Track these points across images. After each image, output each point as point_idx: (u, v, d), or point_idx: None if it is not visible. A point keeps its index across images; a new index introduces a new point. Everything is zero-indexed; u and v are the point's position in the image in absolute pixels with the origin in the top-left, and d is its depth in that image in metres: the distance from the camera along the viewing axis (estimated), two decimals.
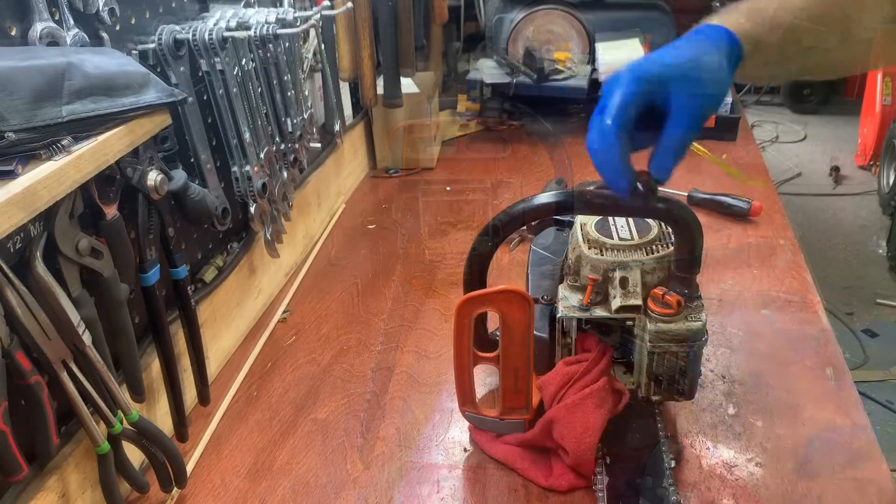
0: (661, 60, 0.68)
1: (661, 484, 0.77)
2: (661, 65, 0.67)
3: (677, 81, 0.66)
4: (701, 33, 0.71)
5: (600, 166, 0.68)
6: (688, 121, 0.67)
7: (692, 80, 0.66)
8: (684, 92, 0.66)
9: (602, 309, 0.84)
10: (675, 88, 0.66)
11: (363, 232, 1.42)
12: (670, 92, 0.66)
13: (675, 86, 0.66)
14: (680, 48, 0.69)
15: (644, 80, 0.66)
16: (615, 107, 0.65)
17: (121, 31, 0.81)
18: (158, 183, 0.77)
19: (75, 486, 0.75)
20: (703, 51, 0.69)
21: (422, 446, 0.89)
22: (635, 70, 0.67)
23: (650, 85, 0.66)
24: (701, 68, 0.67)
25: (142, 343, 0.86)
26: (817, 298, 1.12)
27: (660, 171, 0.69)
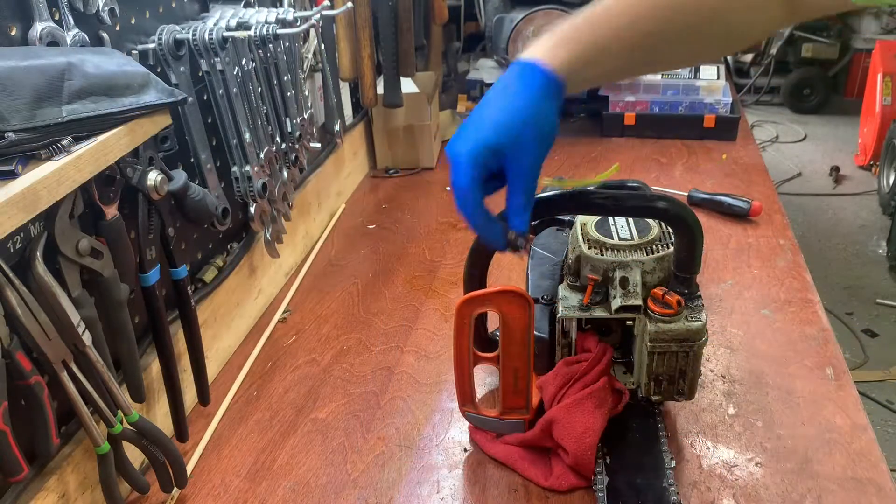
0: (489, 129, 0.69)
1: (661, 484, 0.77)
2: (491, 134, 0.69)
3: (509, 149, 0.69)
4: (522, 77, 0.71)
5: (473, 230, 0.74)
6: (525, 184, 0.71)
7: (522, 144, 0.69)
8: (516, 161, 0.70)
9: (602, 309, 0.84)
10: (508, 157, 0.70)
11: (363, 232, 1.43)
12: (505, 161, 0.70)
13: (508, 155, 0.70)
14: (505, 104, 0.70)
15: (481, 158, 0.69)
16: (464, 190, 0.70)
17: (121, 31, 0.81)
18: (158, 183, 0.77)
19: (75, 487, 0.75)
20: (526, 104, 0.69)
21: (422, 446, 0.89)
22: (470, 150, 0.70)
23: (487, 158, 0.69)
24: (528, 125, 0.69)
25: (142, 343, 0.86)
26: (817, 298, 1.12)
27: (518, 227, 0.72)
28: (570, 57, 0.71)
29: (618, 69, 0.75)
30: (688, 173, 1.58)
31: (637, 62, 0.75)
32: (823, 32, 4.52)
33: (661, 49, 0.74)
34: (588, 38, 0.71)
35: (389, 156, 1.67)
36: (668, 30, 0.72)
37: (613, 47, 0.72)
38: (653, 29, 0.72)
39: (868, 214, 3.58)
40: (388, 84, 1.52)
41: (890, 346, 2.69)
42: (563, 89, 0.71)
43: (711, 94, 1.75)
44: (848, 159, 4.06)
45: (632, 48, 0.73)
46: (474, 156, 0.69)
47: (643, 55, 0.75)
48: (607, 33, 0.72)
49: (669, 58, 0.77)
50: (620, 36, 0.72)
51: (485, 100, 0.72)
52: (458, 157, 0.71)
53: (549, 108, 0.71)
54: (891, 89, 3.66)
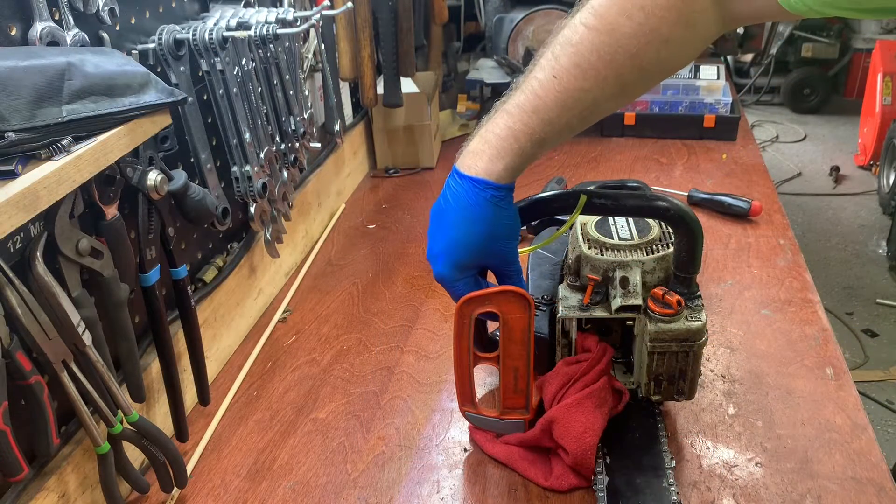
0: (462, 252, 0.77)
1: (661, 484, 0.77)
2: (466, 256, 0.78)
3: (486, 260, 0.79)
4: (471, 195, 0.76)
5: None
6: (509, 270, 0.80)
7: (494, 252, 0.79)
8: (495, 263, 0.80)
9: (602, 309, 0.84)
10: (487, 263, 0.80)
11: (363, 232, 1.42)
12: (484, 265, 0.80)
13: (486, 262, 0.79)
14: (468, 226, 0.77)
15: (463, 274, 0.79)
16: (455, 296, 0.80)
17: (121, 31, 0.81)
18: (158, 183, 0.77)
19: (75, 487, 0.75)
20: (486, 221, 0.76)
21: (422, 446, 0.89)
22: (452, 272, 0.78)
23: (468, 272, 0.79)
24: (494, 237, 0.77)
25: (142, 343, 0.86)
26: (817, 298, 1.12)
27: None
28: (508, 165, 0.75)
29: (553, 146, 0.79)
30: (688, 173, 1.58)
31: (571, 133, 0.78)
32: (823, 32, 4.52)
33: (592, 115, 0.76)
34: (522, 142, 0.74)
35: (389, 156, 1.67)
36: (598, 97, 0.73)
37: (548, 136, 0.75)
38: (583, 103, 0.73)
39: (868, 214, 3.58)
40: (388, 84, 1.52)
41: (890, 346, 2.69)
42: (512, 189, 0.77)
43: (711, 94, 1.75)
44: (848, 159, 4.06)
45: (567, 128, 0.75)
46: (457, 276, 0.78)
47: (577, 128, 0.77)
48: (540, 128, 0.73)
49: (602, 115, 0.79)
50: (553, 122, 0.73)
51: (442, 216, 0.79)
52: (443, 279, 0.79)
53: (504, 212, 0.77)
54: (891, 89, 3.66)
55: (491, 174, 0.75)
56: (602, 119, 0.79)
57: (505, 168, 0.75)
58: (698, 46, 0.74)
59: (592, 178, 1.55)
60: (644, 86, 0.76)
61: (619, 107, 0.80)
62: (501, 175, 0.75)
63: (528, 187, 1.54)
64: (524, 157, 0.75)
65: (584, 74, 0.71)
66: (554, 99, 0.72)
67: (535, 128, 0.73)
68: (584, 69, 0.70)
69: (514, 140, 0.74)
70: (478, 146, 0.76)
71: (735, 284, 1.16)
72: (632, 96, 0.77)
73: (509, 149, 0.74)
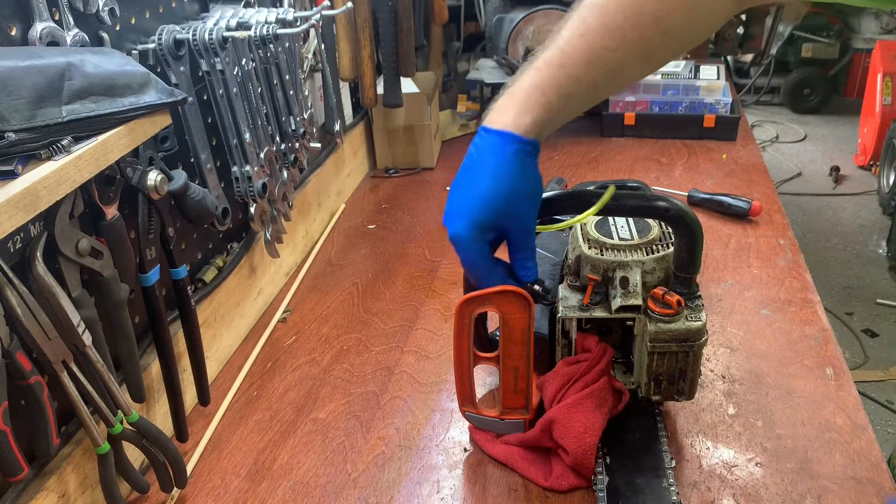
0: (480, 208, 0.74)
1: (661, 484, 0.77)
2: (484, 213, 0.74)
3: (505, 221, 0.75)
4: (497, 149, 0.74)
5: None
6: (525, 242, 0.77)
7: (515, 213, 0.75)
8: (513, 228, 0.76)
9: (602, 309, 0.84)
10: (505, 227, 0.76)
11: (363, 232, 1.43)
12: (502, 229, 0.76)
13: (505, 225, 0.76)
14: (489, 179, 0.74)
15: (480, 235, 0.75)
16: (473, 265, 0.77)
17: (121, 31, 0.81)
18: (158, 183, 0.77)
19: (75, 487, 0.75)
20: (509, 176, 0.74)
21: (422, 446, 0.89)
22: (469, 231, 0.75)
23: (485, 234, 0.75)
24: (516, 195, 0.74)
25: (142, 343, 0.86)
26: (817, 298, 1.12)
27: (527, 278, 0.79)
28: (536, 119, 0.74)
29: (580, 107, 0.78)
30: (688, 173, 1.58)
31: (597, 95, 0.78)
32: (823, 32, 4.52)
33: (618, 77, 0.76)
34: (550, 95, 0.73)
35: (389, 156, 1.67)
36: (623, 59, 0.73)
37: (574, 92, 0.74)
38: (609, 61, 0.73)
39: (868, 214, 3.58)
40: (388, 84, 1.52)
41: (890, 346, 2.69)
42: (538, 146, 0.75)
43: (711, 94, 1.75)
44: (848, 159, 4.06)
45: (592, 85, 0.75)
46: (474, 236, 0.75)
47: (603, 89, 0.77)
48: (567, 83, 0.73)
49: (624, 82, 0.79)
50: (580, 79, 0.73)
51: (466, 173, 0.76)
52: (459, 239, 0.75)
53: (530, 170, 0.75)
54: (891, 89, 3.66)
55: (518, 127, 0.73)
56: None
57: (533, 121, 0.73)
58: (717, 18, 0.76)
59: (592, 178, 1.55)
60: (668, 52, 0.77)
61: (644, 73, 0.79)
62: (529, 128, 0.73)
63: None
64: (552, 111, 0.74)
65: (611, 35, 0.71)
66: (581, 56, 0.72)
67: (562, 81, 0.73)
68: (611, 29, 0.71)
69: (540, 93, 0.73)
70: (504, 102, 0.75)
71: (735, 284, 1.16)
72: (655, 63, 0.78)
73: (536, 102, 0.73)
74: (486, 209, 0.74)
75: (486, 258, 0.76)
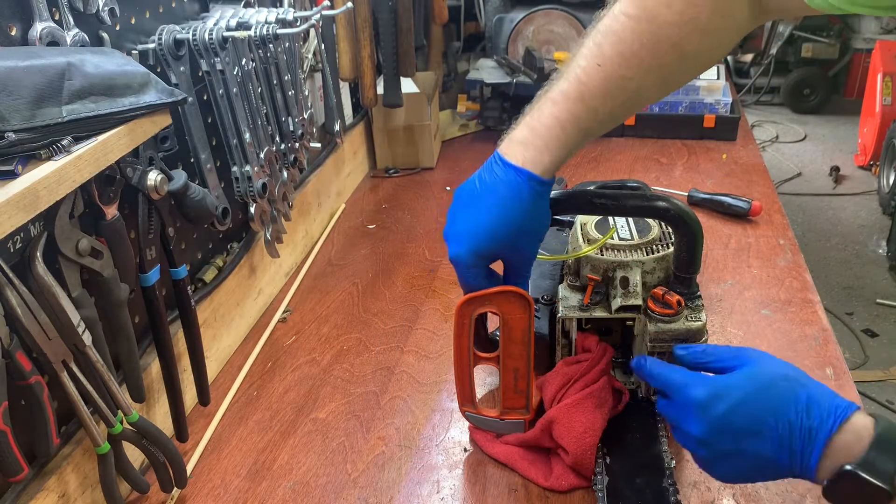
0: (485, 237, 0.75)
1: (661, 484, 0.77)
2: (488, 242, 0.75)
3: (506, 253, 0.77)
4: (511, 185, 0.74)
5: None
6: (522, 272, 0.79)
7: (518, 248, 0.77)
8: (513, 260, 0.78)
9: (602, 309, 0.84)
10: (506, 258, 0.78)
11: (363, 232, 1.42)
12: (502, 258, 0.78)
13: (506, 256, 0.78)
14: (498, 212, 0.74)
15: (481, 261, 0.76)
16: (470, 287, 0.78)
17: (121, 31, 0.81)
18: (158, 183, 0.77)
19: (75, 487, 0.75)
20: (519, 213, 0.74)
21: (422, 446, 0.89)
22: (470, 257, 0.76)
23: (486, 261, 0.77)
24: (523, 232, 0.76)
25: (142, 343, 0.86)
26: (817, 298, 1.12)
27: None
28: (554, 159, 0.74)
29: (594, 137, 0.78)
30: (688, 173, 1.58)
31: (613, 124, 0.78)
32: (823, 32, 4.52)
33: (635, 103, 0.77)
34: (569, 132, 0.74)
35: (389, 156, 1.67)
36: (641, 85, 0.74)
37: (593, 126, 0.75)
38: (628, 91, 0.73)
39: (868, 214, 3.58)
40: (388, 84, 1.52)
41: (890, 346, 2.69)
42: (550, 186, 0.76)
43: (711, 94, 1.75)
44: (848, 159, 4.06)
45: (610, 117, 0.76)
46: (474, 262, 0.76)
47: (620, 117, 0.78)
48: (585, 117, 0.73)
49: (645, 103, 0.81)
50: (598, 111, 0.74)
51: (476, 199, 0.76)
52: (458, 262, 0.76)
53: (541, 208, 0.76)
54: (891, 89, 3.66)
55: (537, 166, 0.74)
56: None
57: (551, 161, 0.74)
58: (734, 37, 0.76)
59: (592, 178, 1.55)
60: (685, 75, 0.77)
61: (660, 96, 0.80)
62: (547, 168, 0.74)
63: None
64: (569, 148, 0.75)
65: (628, 63, 0.71)
66: (598, 86, 0.72)
67: (581, 116, 0.73)
68: (628, 57, 0.71)
69: (560, 130, 0.74)
70: (524, 135, 0.75)
71: (735, 284, 1.16)
72: (673, 86, 0.78)
73: (556, 139, 0.74)
74: (490, 241, 0.75)
75: (482, 279, 0.77)
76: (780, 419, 0.62)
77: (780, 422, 0.62)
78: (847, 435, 0.61)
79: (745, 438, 0.64)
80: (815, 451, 0.61)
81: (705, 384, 0.66)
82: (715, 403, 0.64)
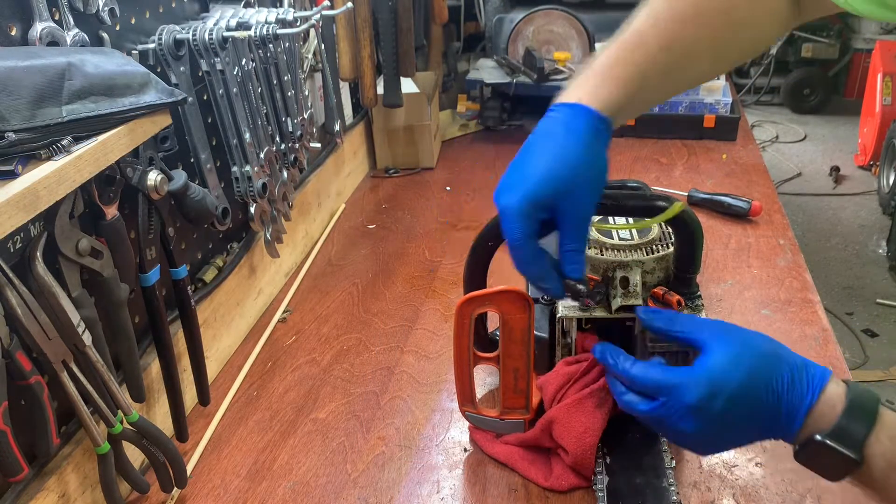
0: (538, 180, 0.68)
1: (661, 484, 0.77)
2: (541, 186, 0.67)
3: (561, 200, 0.68)
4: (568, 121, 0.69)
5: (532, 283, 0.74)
6: (578, 231, 0.70)
7: (574, 194, 0.68)
8: (569, 211, 0.68)
9: (602, 309, 0.84)
10: (561, 208, 0.68)
11: (363, 232, 1.43)
12: (556, 211, 0.68)
13: (561, 205, 0.68)
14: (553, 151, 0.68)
15: (532, 211, 0.67)
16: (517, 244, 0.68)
17: (121, 31, 0.81)
18: (158, 183, 0.77)
19: (75, 487, 0.75)
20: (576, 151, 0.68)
21: (422, 446, 0.89)
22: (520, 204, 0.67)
23: (538, 211, 0.68)
24: (580, 174, 0.68)
25: (142, 343, 0.86)
26: (817, 298, 1.12)
27: (571, 272, 0.71)
28: (612, 95, 0.70)
29: (653, 97, 0.76)
30: (688, 173, 1.58)
31: (669, 85, 0.76)
32: (823, 32, 4.52)
33: (691, 67, 0.76)
34: (626, 71, 0.71)
35: (389, 156, 1.67)
36: (694, 46, 0.73)
37: (650, 73, 0.72)
38: (682, 48, 0.73)
39: (868, 214, 3.58)
40: (388, 84, 1.52)
41: (890, 346, 2.69)
42: (611, 128, 0.70)
43: (711, 94, 1.75)
44: (848, 159, 4.06)
45: (666, 71, 0.73)
46: (525, 210, 0.67)
47: (675, 77, 0.75)
48: (643, 61, 0.72)
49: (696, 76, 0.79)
50: (656, 60, 0.72)
51: (528, 146, 0.71)
52: (507, 211, 0.68)
53: (599, 150, 0.69)
54: (891, 89, 3.66)
55: (593, 100, 0.69)
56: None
57: (609, 96, 0.70)
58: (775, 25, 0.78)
59: None
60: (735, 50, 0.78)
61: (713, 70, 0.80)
62: (605, 103, 0.69)
63: None
64: (628, 88, 0.71)
65: (682, 25, 0.72)
66: (655, 40, 0.72)
67: (639, 60, 0.71)
68: (681, 20, 0.72)
69: (621, 67, 0.71)
70: (580, 78, 0.72)
71: (735, 284, 1.16)
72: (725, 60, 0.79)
73: (614, 76, 0.71)
74: (543, 184, 0.67)
75: (531, 238, 0.69)
76: (769, 399, 0.63)
77: (770, 401, 0.63)
78: (822, 406, 0.62)
79: (741, 425, 0.64)
80: (796, 423, 0.63)
81: (697, 384, 0.64)
82: (711, 403, 0.63)
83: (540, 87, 1.73)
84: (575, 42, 1.86)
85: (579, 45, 1.86)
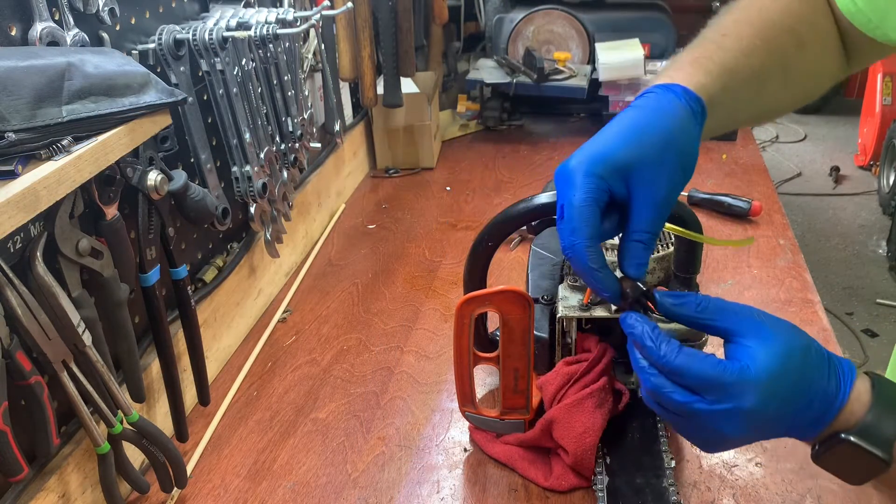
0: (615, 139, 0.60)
1: (661, 484, 0.77)
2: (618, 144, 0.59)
3: (643, 167, 0.58)
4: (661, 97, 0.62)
5: (583, 278, 0.63)
6: (655, 214, 0.60)
7: (661, 162, 0.59)
8: (650, 183, 0.59)
9: (602, 309, 0.84)
10: (639, 178, 0.59)
11: (363, 232, 1.43)
12: (632, 182, 0.59)
13: (640, 174, 0.58)
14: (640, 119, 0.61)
15: (602, 171, 0.58)
16: (576, 220, 0.58)
17: (121, 31, 0.81)
18: (158, 183, 0.77)
19: (75, 487, 0.75)
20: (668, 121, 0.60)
21: (422, 446, 0.89)
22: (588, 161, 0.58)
23: (610, 174, 0.58)
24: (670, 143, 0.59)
25: (142, 343, 0.86)
26: (817, 298, 1.12)
27: (634, 269, 0.62)
28: (706, 81, 0.65)
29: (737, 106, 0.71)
30: None
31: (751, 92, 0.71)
32: None
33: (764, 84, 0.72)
34: (716, 63, 0.67)
35: (389, 156, 1.67)
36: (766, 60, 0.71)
37: (735, 70, 0.68)
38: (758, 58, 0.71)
39: (868, 214, 3.58)
40: (388, 84, 1.52)
41: (890, 346, 2.67)
42: (705, 113, 0.63)
43: None
44: (848, 159, 4.07)
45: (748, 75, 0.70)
46: (593, 168, 0.57)
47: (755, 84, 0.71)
48: (727, 60, 0.69)
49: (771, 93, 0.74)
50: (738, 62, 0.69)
51: (611, 121, 0.62)
52: (568, 170, 0.59)
53: (691, 131, 0.61)
54: (891, 89, 3.66)
55: (689, 81, 0.63)
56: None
57: (703, 81, 0.64)
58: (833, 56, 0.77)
59: None
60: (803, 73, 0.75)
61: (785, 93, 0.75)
62: (701, 86, 0.63)
63: (528, 187, 1.54)
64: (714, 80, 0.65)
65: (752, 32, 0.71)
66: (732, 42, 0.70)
67: (724, 57, 0.68)
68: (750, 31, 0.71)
69: (707, 60, 0.67)
70: (667, 72, 0.67)
71: (735, 284, 1.16)
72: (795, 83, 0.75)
73: (703, 67, 0.66)
74: (622, 145, 0.58)
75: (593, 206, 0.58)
76: (814, 399, 0.57)
77: (813, 401, 0.57)
78: (851, 402, 0.57)
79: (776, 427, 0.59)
80: (828, 419, 0.57)
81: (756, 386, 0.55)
82: (766, 407, 0.56)
83: (540, 87, 1.73)
84: (575, 42, 1.86)
85: (579, 45, 1.86)
